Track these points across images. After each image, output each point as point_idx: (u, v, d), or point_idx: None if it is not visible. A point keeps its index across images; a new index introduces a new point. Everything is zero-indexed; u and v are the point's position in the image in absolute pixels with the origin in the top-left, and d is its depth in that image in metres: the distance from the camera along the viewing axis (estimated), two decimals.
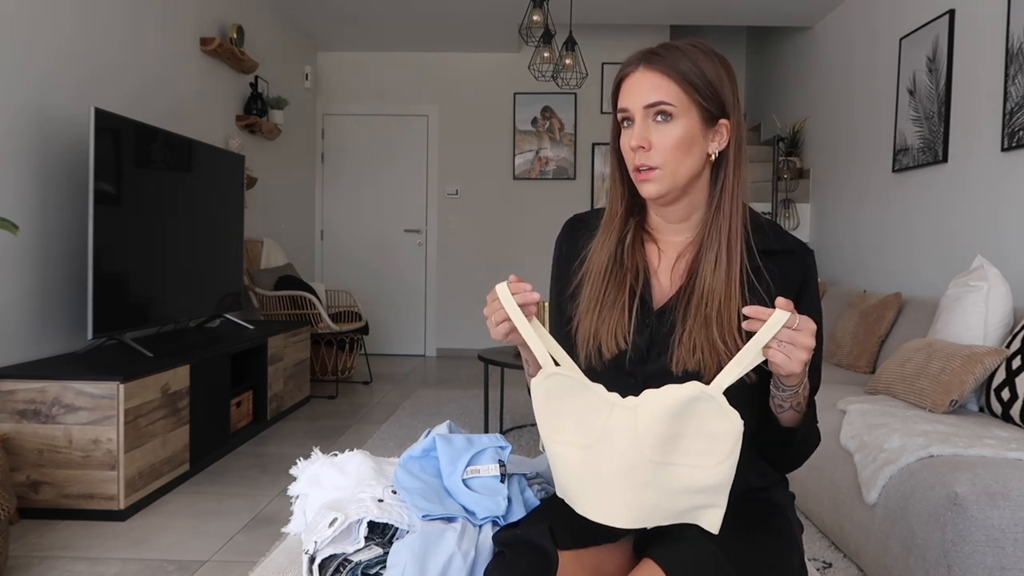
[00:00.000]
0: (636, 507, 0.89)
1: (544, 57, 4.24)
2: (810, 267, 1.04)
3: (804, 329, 0.85)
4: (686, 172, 1.00)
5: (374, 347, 6.12)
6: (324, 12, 5.19)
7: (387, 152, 6.25)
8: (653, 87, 0.98)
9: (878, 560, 1.92)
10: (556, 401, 0.92)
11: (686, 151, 0.98)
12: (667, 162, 0.98)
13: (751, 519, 0.99)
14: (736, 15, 5.15)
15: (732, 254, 0.99)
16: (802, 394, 0.95)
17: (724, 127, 1.00)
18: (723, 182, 1.01)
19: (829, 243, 4.75)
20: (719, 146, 1.01)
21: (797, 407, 0.96)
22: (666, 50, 0.99)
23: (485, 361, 3.48)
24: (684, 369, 0.96)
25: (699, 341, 0.96)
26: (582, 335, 1.03)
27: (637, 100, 0.99)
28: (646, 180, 0.99)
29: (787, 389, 0.92)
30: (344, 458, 1.24)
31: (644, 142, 0.98)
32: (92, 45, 3.01)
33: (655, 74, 0.98)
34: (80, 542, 2.28)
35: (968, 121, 3.25)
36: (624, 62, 1.03)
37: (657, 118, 0.98)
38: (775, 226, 1.06)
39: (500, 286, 0.93)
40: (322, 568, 1.00)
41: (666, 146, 0.97)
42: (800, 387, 0.92)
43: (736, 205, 1.01)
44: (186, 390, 2.86)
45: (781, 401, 0.95)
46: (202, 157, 3.43)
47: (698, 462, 0.86)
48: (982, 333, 2.43)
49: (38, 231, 2.70)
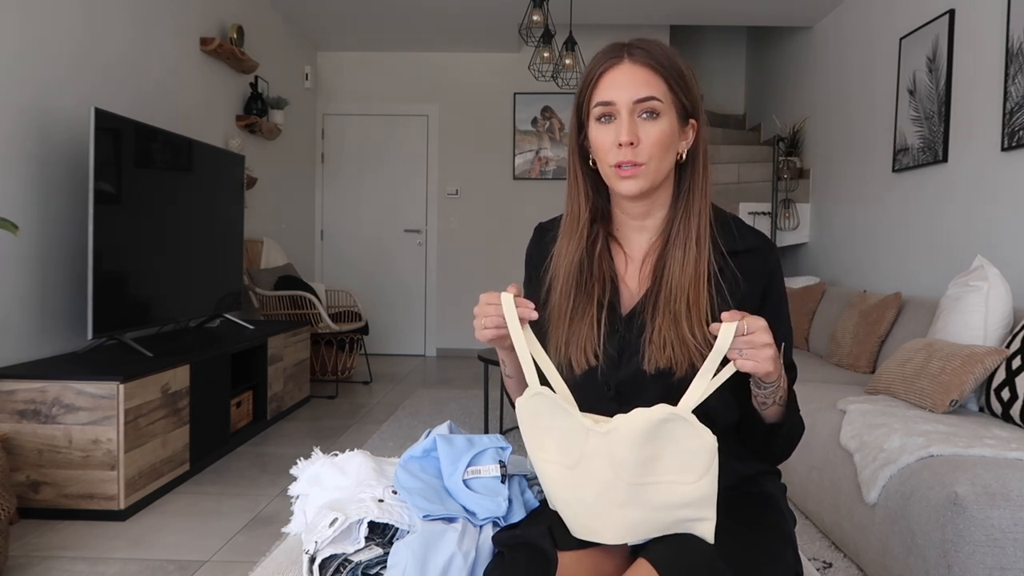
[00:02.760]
0: (622, 524, 0.90)
1: (544, 57, 4.24)
2: (775, 261, 1.04)
3: (756, 330, 0.86)
4: (664, 170, 1.00)
5: (374, 347, 6.12)
6: (324, 12, 5.19)
7: (387, 152, 6.25)
8: (644, 81, 0.96)
9: (878, 560, 1.92)
10: (540, 419, 0.93)
11: (667, 148, 0.98)
12: (652, 158, 0.97)
13: (744, 513, 0.99)
14: (736, 15, 5.15)
15: (700, 251, 0.99)
16: (782, 387, 0.96)
17: (692, 127, 1.01)
18: (692, 181, 1.01)
19: (829, 243, 4.75)
20: (687, 145, 1.01)
21: (780, 401, 0.97)
22: (646, 43, 0.98)
23: (485, 361, 3.48)
24: (656, 367, 0.97)
25: (669, 337, 0.96)
26: (553, 347, 1.02)
27: (626, 94, 0.96)
28: (630, 177, 0.98)
29: (767, 386, 0.93)
30: (344, 458, 1.24)
31: (635, 138, 0.96)
32: (92, 45, 3.01)
33: (643, 68, 0.97)
34: (80, 542, 2.28)
35: (968, 121, 3.25)
36: (598, 57, 1.00)
37: (644, 115, 0.97)
38: (739, 222, 1.06)
39: (506, 296, 0.94)
40: (322, 568, 1.00)
41: (652, 143, 0.96)
42: (780, 380, 0.93)
43: (705, 204, 1.01)
44: (186, 390, 2.86)
45: (764, 399, 0.95)
46: (202, 157, 3.43)
47: (677, 479, 0.86)
48: (982, 333, 2.43)
49: (38, 231, 2.70)
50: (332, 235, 6.27)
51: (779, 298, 1.04)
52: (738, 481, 1.03)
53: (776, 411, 0.98)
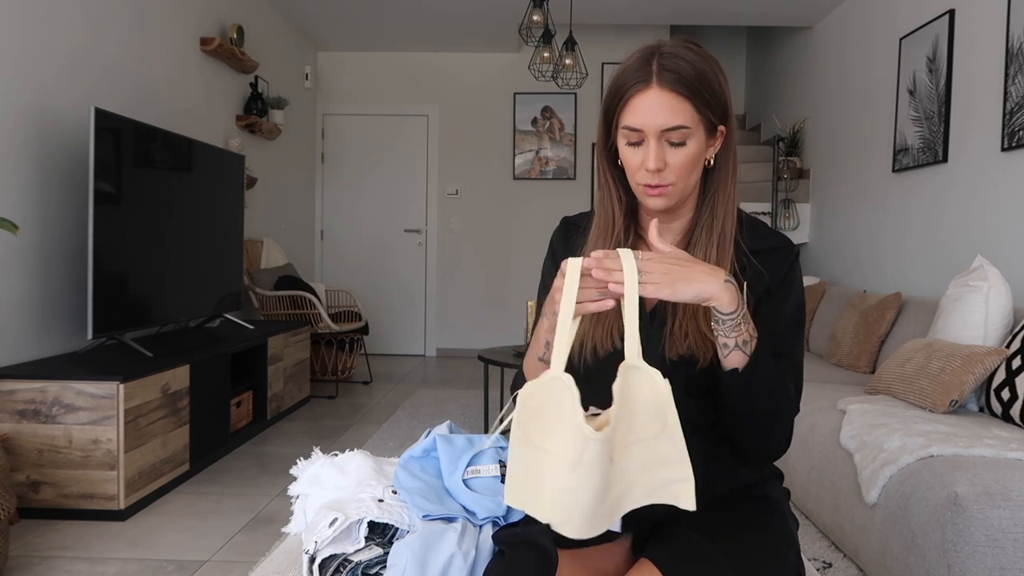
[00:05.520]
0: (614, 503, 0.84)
1: (544, 57, 4.24)
2: (794, 260, 1.05)
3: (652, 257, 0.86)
4: (692, 185, 1.01)
5: (374, 347, 6.12)
6: (324, 12, 5.19)
7: (387, 152, 6.25)
8: (672, 111, 0.95)
9: (878, 560, 1.92)
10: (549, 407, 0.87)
11: (695, 167, 0.99)
12: (679, 179, 0.98)
13: (747, 515, 1.00)
14: (736, 15, 5.15)
15: (723, 253, 1.01)
16: (746, 331, 0.91)
17: (720, 133, 1.01)
18: (719, 184, 1.02)
19: (829, 243, 4.75)
20: (715, 150, 1.02)
21: (743, 346, 0.92)
22: (673, 61, 0.95)
23: (485, 361, 3.48)
24: (678, 353, 0.99)
25: (689, 330, 0.98)
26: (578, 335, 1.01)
27: (654, 123, 0.95)
28: (658, 196, 0.99)
29: (725, 319, 0.89)
30: (344, 458, 1.24)
31: (662, 164, 0.97)
32: (92, 45, 3.01)
33: (671, 95, 0.95)
34: (80, 542, 2.28)
35: (968, 121, 3.25)
36: (627, 71, 0.97)
37: (670, 142, 0.97)
38: (762, 224, 1.08)
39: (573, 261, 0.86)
40: (322, 568, 1.00)
41: (679, 166, 0.97)
42: (739, 317, 0.89)
43: (731, 207, 1.02)
44: (186, 390, 2.86)
45: (725, 339, 0.91)
46: (202, 157, 3.43)
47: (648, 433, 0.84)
48: (982, 333, 2.43)
49: (38, 231, 2.70)
50: (332, 235, 6.27)
51: (788, 292, 1.04)
52: (740, 487, 1.03)
53: (739, 358, 0.93)
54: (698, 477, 0.98)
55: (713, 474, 1.00)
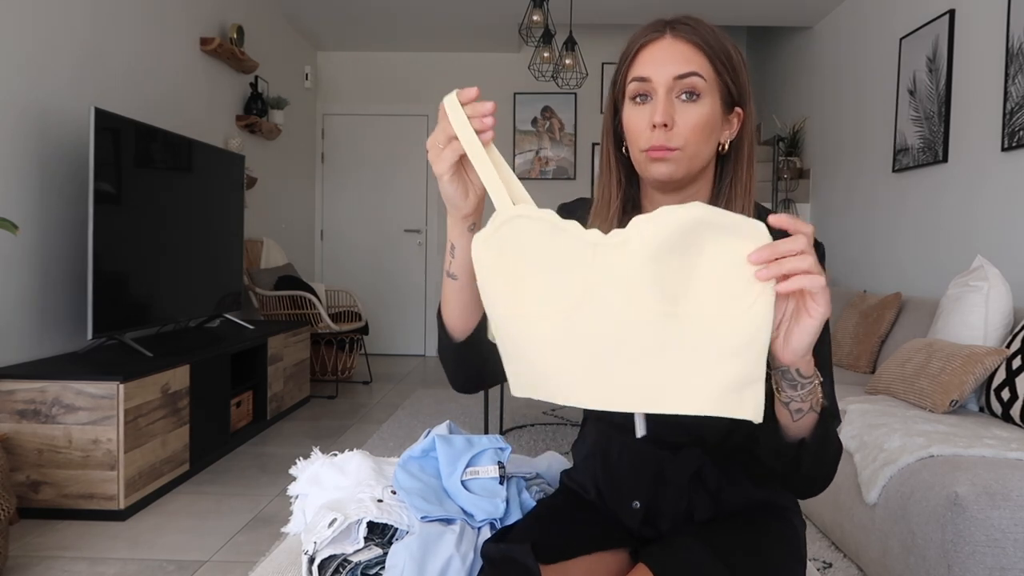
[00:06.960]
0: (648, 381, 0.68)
1: (544, 57, 4.24)
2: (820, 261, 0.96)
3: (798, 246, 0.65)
4: (702, 158, 0.90)
5: (374, 347, 6.12)
6: (324, 12, 5.19)
7: (387, 152, 6.25)
8: (686, 58, 0.87)
9: (878, 560, 1.92)
10: (515, 258, 0.72)
11: (708, 135, 0.89)
12: (688, 144, 0.87)
13: (750, 520, 0.96)
14: (736, 15, 5.15)
15: None
16: (819, 389, 0.77)
17: (737, 116, 0.93)
18: (734, 175, 0.93)
19: (829, 243, 4.75)
20: (730, 136, 0.93)
21: (816, 405, 0.77)
22: (692, 20, 0.89)
23: None
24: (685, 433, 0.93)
25: None
26: None
27: (665, 70, 0.86)
28: (662, 160, 0.87)
29: (806, 382, 0.74)
30: (344, 458, 1.24)
31: (669, 119, 0.86)
32: (92, 45, 3.01)
33: (686, 44, 0.87)
34: (80, 542, 2.28)
35: (968, 121, 3.24)
36: (641, 30, 0.91)
37: (683, 96, 0.87)
38: None
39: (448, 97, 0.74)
40: (322, 568, 1.00)
41: (690, 127, 0.86)
42: (815, 377, 0.75)
43: (750, 200, 0.92)
44: (186, 390, 2.86)
45: (800, 404, 0.76)
46: (202, 157, 3.43)
47: (723, 307, 0.65)
48: (982, 333, 2.43)
49: (38, 231, 2.70)
50: (332, 235, 6.27)
51: None
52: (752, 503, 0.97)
53: (811, 420, 0.78)
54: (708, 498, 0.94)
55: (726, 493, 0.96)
